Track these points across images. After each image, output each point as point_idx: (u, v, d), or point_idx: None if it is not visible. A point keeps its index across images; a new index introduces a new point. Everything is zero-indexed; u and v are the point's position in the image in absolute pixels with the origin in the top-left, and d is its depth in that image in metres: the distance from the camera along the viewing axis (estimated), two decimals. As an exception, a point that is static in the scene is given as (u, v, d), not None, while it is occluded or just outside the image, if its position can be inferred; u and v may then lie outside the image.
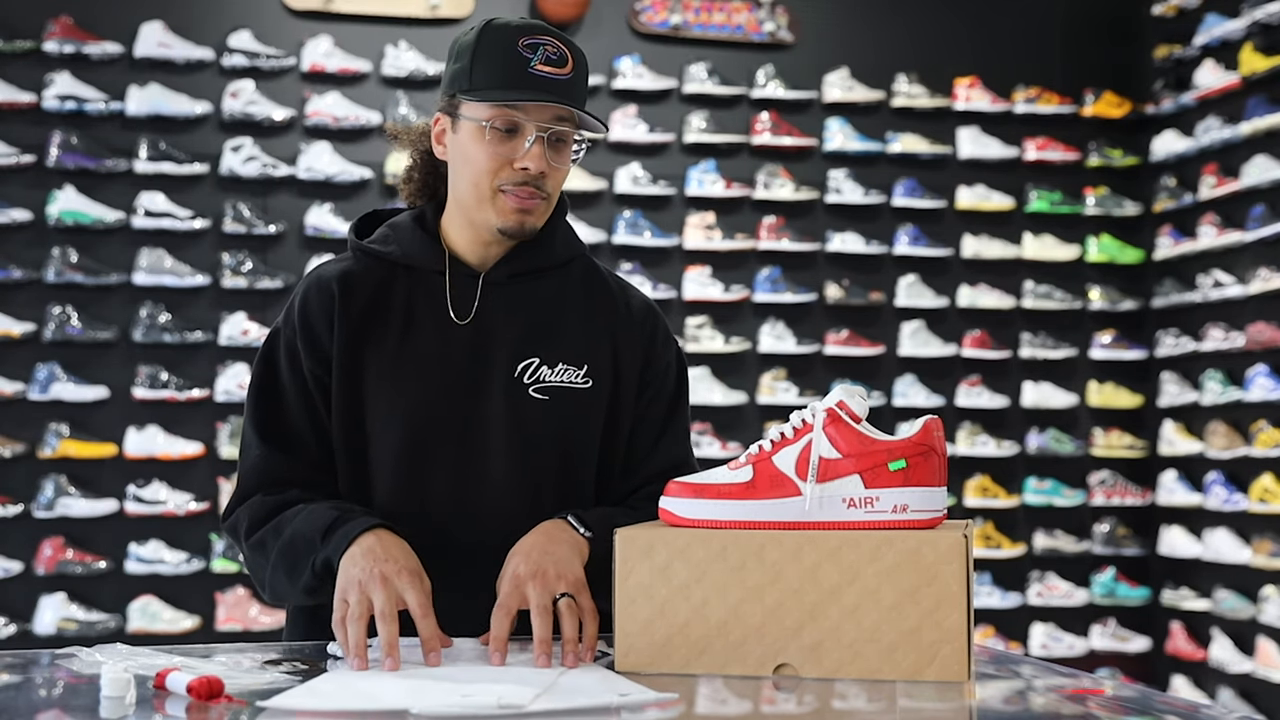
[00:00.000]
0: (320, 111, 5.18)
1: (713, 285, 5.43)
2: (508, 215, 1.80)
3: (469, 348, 1.83)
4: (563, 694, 1.33)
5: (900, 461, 1.45)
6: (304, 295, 1.86)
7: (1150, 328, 5.79)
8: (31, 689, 1.45)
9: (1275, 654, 4.92)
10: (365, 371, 1.82)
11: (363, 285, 1.85)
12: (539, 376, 1.84)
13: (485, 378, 1.82)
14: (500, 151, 1.77)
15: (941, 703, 1.36)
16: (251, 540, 1.78)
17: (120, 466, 4.92)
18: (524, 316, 1.86)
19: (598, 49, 5.40)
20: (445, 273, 1.86)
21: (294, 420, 1.83)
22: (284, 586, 1.76)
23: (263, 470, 1.81)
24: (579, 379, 1.85)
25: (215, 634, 4.84)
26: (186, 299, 5.04)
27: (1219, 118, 5.39)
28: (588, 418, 1.86)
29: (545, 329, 1.87)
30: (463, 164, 1.81)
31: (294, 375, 1.83)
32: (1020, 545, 5.58)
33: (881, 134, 5.67)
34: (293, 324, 1.84)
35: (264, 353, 1.87)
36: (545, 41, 1.77)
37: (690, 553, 1.45)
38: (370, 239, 1.91)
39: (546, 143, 1.77)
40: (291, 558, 1.71)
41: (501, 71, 1.76)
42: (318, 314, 1.83)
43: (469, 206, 1.83)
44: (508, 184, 1.78)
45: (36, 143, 4.97)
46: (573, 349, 1.87)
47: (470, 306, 1.85)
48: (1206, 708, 1.50)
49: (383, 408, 1.81)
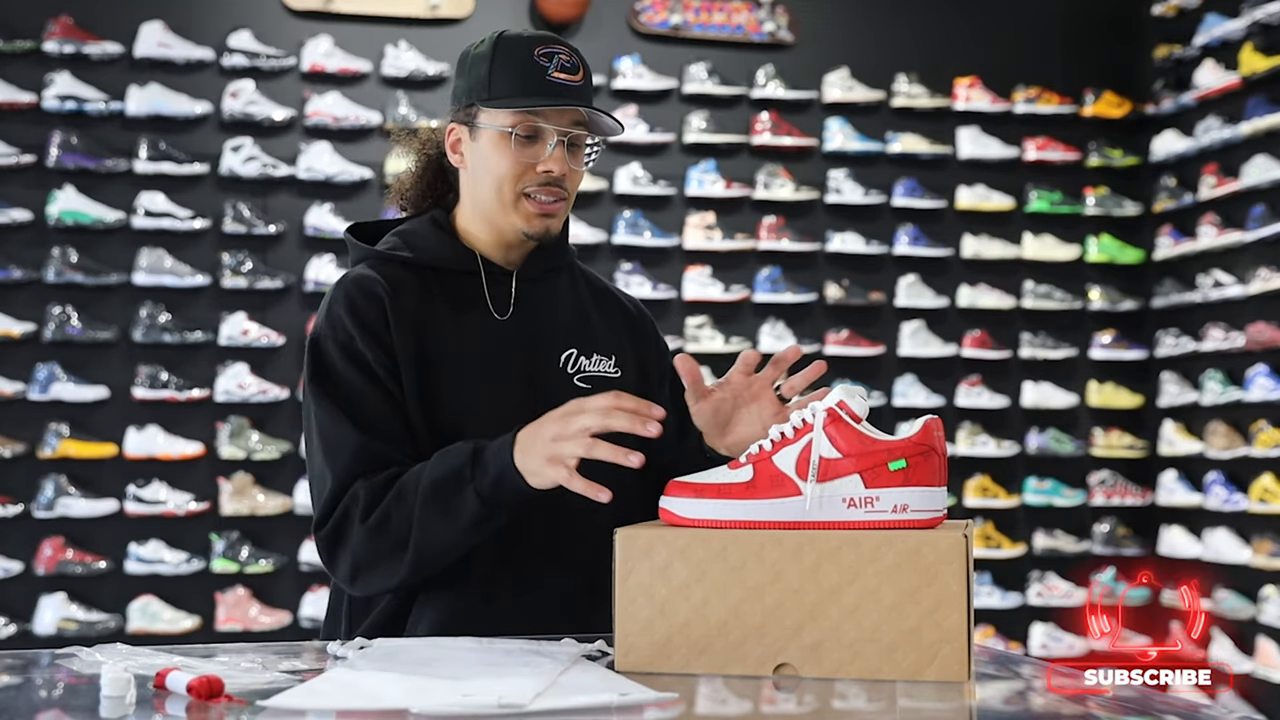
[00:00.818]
0: (320, 111, 5.18)
1: (713, 285, 5.43)
2: (532, 220, 1.88)
3: (516, 341, 1.90)
4: (563, 694, 1.33)
5: (900, 461, 1.45)
6: (349, 300, 1.84)
7: (1150, 328, 5.79)
8: (31, 689, 1.45)
9: (1275, 654, 4.92)
10: (426, 367, 1.84)
11: (406, 287, 1.88)
12: (580, 367, 1.94)
13: (536, 369, 1.90)
14: (523, 157, 1.85)
15: (941, 703, 1.36)
16: (370, 520, 1.72)
17: (120, 466, 4.92)
18: (555, 311, 1.96)
19: (598, 49, 5.41)
20: (480, 273, 1.92)
21: (375, 410, 1.79)
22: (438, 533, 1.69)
23: (362, 459, 1.76)
24: (610, 368, 1.97)
25: (215, 634, 4.84)
26: (186, 299, 5.04)
27: (1219, 118, 5.39)
28: None
29: (576, 323, 1.97)
30: (485, 171, 1.89)
31: (361, 371, 1.81)
32: (1020, 545, 5.58)
33: (881, 134, 5.67)
34: (345, 329, 1.82)
35: (316, 364, 1.83)
36: (559, 50, 1.87)
37: (690, 553, 1.45)
38: (387, 246, 1.93)
39: (566, 146, 1.86)
40: (444, 499, 1.68)
41: (521, 80, 1.84)
42: (371, 315, 1.83)
43: (492, 212, 1.90)
44: (531, 187, 1.86)
45: (36, 143, 4.97)
46: (602, 340, 1.98)
47: (506, 303, 1.92)
48: (1206, 708, 1.50)
49: (454, 401, 1.83)
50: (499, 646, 1.56)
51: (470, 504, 1.67)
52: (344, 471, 1.76)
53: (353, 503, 1.74)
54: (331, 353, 1.82)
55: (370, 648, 1.56)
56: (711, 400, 1.84)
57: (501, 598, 1.81)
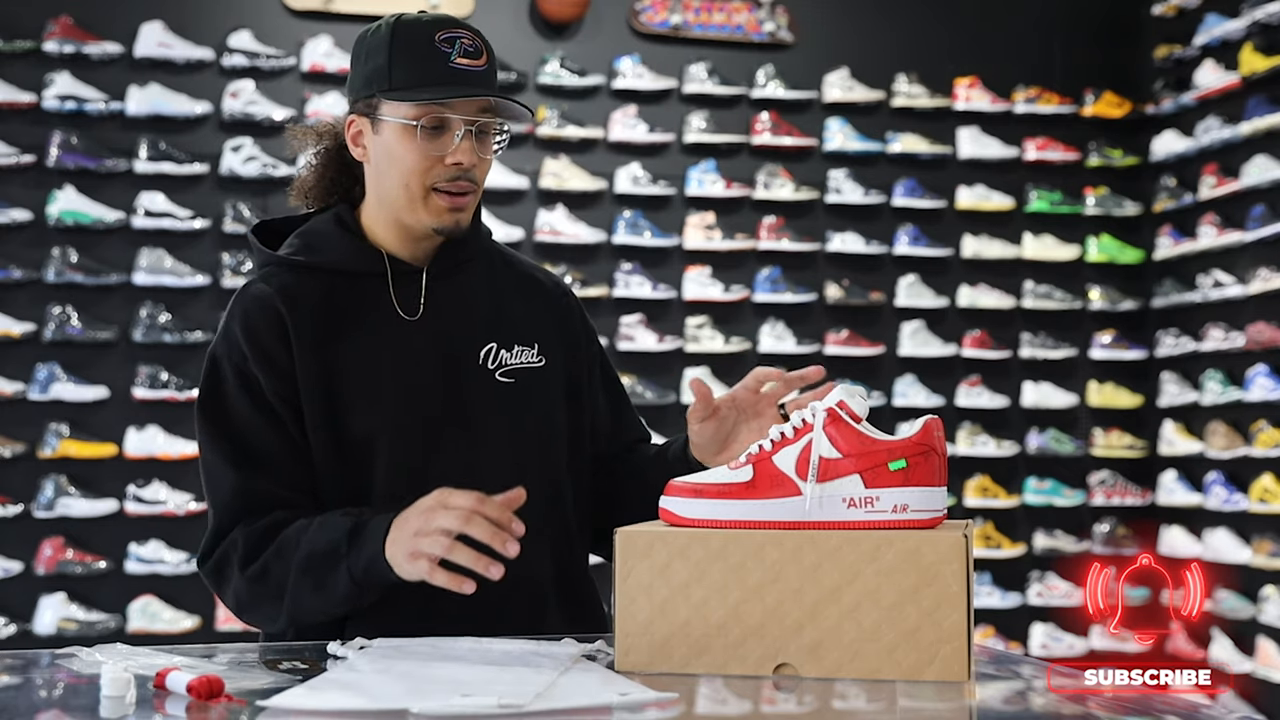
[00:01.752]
0: (320, 111, 5.17)
1: (713, 285, 5.43)
2: (442, 215, 1.80)
3: (430, 342, 1.82)
4: (563, 694, 1.33)
5: (900, 461, 1.45)
6: (245, 318, 1.79)
7: (1150, 328, 5.79)
8: (31, 689, 1.45)
9: (1275, 654, 4.92)
10: (333, 383, 1.77)
11: (306, 297, 1.81)
12: (501, 361, 1.86)
13: (453, 370, 1.83)
14: (430, 150, 1.77)
15: (941, 703, 1.36)
16: (249, 571, 1.71)
17: (120, 466, 4.92)
18: (470, 305, 1.88)
19: (598, 49, 5.41)
20: (386, 273, 1.84)
21: (261, 444, 1.76)
22: (310, 604, 1.70)
23: (241, 500, 1.75)
24: (534, 358, 1.89)
25: (215, 634, 4.84)
26: (186, 299, 5.04)
27: (1219, 118, 5.39)
28: (550, 394, 1.90)
29: (493, 314, 1.89)
30: (389, 165, 1.80)
31: (252, 399, 1.77)
32: (1020, 545, 5.58)
33: (881, 134, 5.67)
34: (239, 349, 1.78)
35: (210, 383, 1.79)
36: (461, 35, 1.77)
37: (690, 553, 1.44)
38: (290, 250, 1.86)
39: (474, 135, 1.78)
40: (318, 573, 1.67)
41: (422, 69, 1.75)
42: (267, 334, 1.77)
43: (399, 207, 1.81)
44: (440, 181, 1.78)
45: (36, 143, 4.97)
46: (523, 329, 1.89)
47: (415, 303, 1.84)
48: (1206, 708, 1.50)
49: (363, 416, 1.77)
50: (499, 647, 1.55)
51: (342, 582, 1.66)
52: (224, 510, 1.76)
53: (232, 548, 1.74)
54: (226, 375, 1.78)
55: (370, 648, 1.56)
56: (716, 417, 1.81)
57: (439, 615, 1.70)
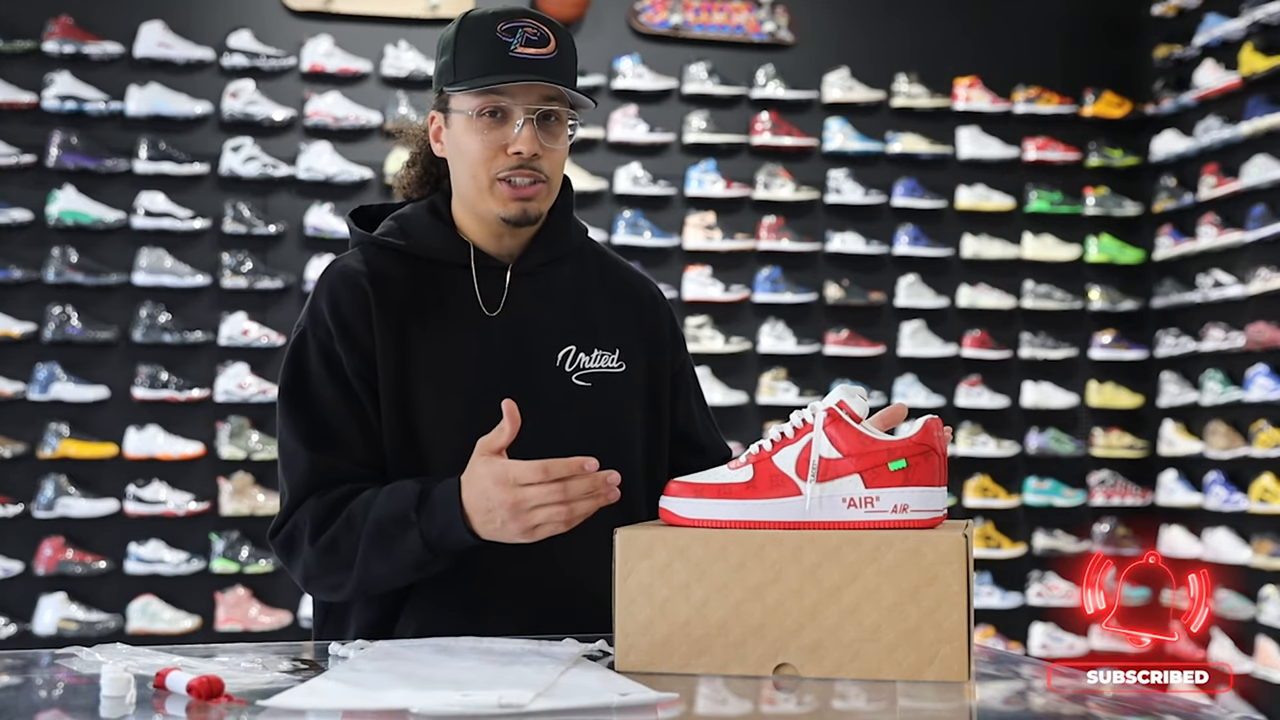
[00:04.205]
0: (320, 111, 5.18)
1: (713, 285, 5.43)
2: (508, 204, 1.80)
3: (507, 340, 1.82)
4: (563, 694, 1.33)
5: (900, 461, 1.44)
6: (332, 295, 1.81)
7: (1150, 328, 5.79)
8: (31, 689, 1.45)
9: (1275, 654, 4.92)
10: (410, 370, 1.78)
11: (393, 281, 1.82)
12: (579, 364, 1.85)
13: (529, 370, 1.82)
14: (491, 139, 1.77)
15: (941, 703, 1.36)
16: (319, 542, 1.72)
17: (120, 466, 4.92)
18: (553, 304, 1.87)
19: (598, 49, 5.41)
20: (471, 265, 1.85)
21: (339, 422, 1.78)
22: (381, 572, 1.70)
23: (314, 478, 1.76)
24: (614, 363, 1.88)
25: (215, 634, 4.84)
26: (186, 299, 5.04)
27: (1219, 118, 5.39)
28: (628, 402, 1.88)
29: (576, 316, 1.88)
30: (459, 157, 1.82)
31: (333, 377, 1.79)
32: (1020, 545, 5.58)
33: (881, 134, 5.67)
34: (324, 326, 1.80)
35: (294, 358, 1.82)
36: (524, 24, 1.77)
37: (690, 552, 1.44)
38: (383, 231, 1.88)
39: (537, 124, 1.77)
40: (387, 541, 1.67)
41: (483, 59, 1.77)
42: (353, 313, 1.79)
43: (471, 199, 1.83)
44: (504, 171, 1.78)
45: (36, 143, 4.97)
46: (604, 334, 1.88)
47: (498, 298, 1.84)
48: (1206, 708, 1.50)
49: (434, 407, 1.78)
50: (499, 647, 1.56)
51: (415, 547, 1.66)
52: (298, 488, 1.77)
53: (303, 520, 1.75)
54: (308, 351, 1.81)
55: (370, 648, 1.56)
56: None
57: (489, 610, 1.75)
